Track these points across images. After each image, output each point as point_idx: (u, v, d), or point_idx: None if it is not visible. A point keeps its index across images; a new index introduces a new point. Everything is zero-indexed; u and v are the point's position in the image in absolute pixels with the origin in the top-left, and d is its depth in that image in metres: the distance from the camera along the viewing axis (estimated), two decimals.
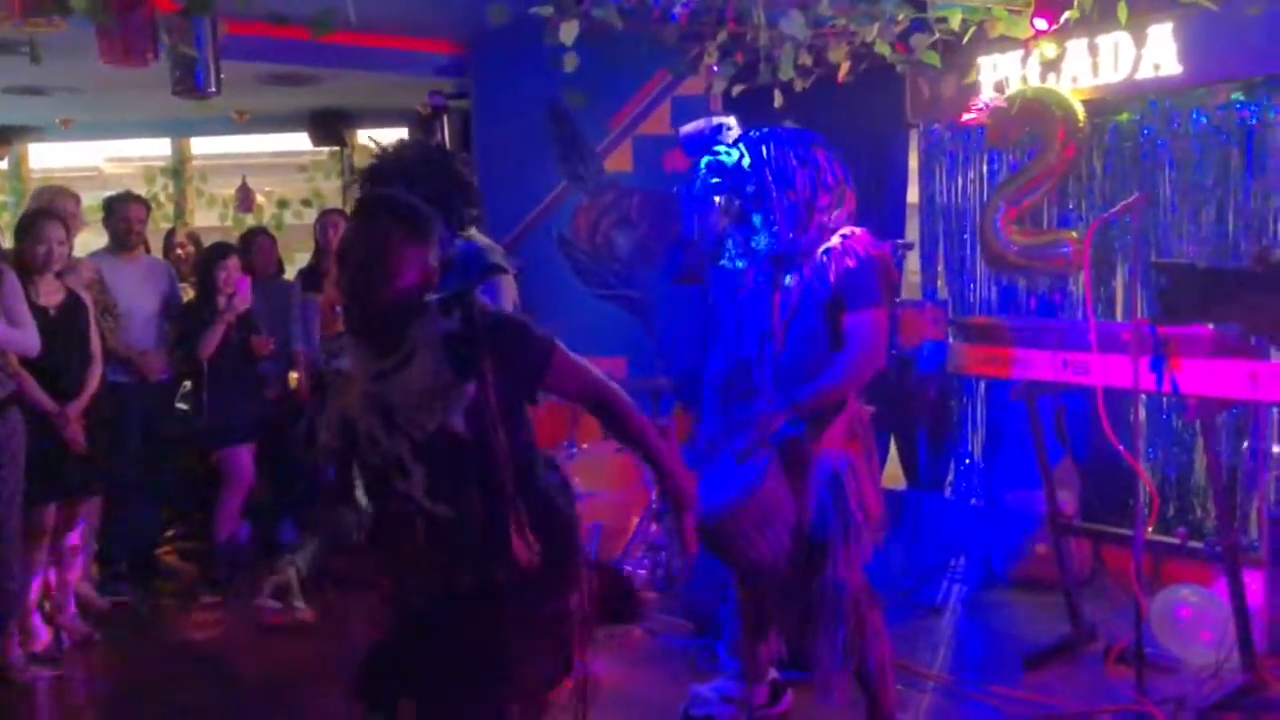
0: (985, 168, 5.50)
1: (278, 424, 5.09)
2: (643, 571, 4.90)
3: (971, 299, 5.63)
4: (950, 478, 5.63)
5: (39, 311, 3.97)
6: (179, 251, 5.81)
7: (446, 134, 6.89)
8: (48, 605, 4.22)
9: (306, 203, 8.02)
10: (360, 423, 2.17)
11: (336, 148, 7.61)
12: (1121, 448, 3.39)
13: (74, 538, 4.26)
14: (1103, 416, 3.38)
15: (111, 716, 3.63)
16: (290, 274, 5.79)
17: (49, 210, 4.38)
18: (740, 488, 2.82)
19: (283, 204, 8.23)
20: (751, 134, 3.10)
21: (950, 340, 4.33)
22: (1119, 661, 3.59)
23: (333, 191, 7.90)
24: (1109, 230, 4.87)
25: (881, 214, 5.58)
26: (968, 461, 5.59)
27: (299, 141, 7.64)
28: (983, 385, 5.43)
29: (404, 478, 2.13)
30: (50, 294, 4.09)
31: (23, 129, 7.63)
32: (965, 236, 5.66)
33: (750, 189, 3.00)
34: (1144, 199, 3.86)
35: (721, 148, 3.09)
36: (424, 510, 2.13)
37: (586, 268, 6.88)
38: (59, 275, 4.17)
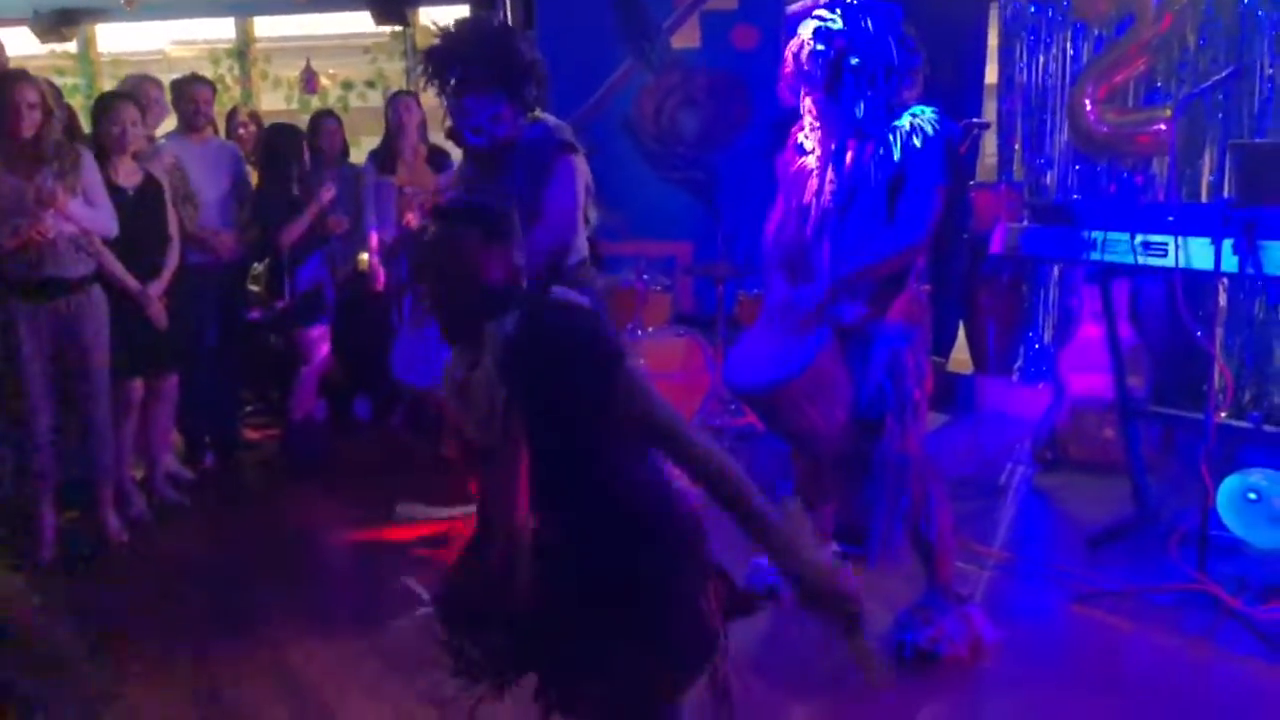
0: (1069, 44, 5.29)
1: (350, 304, 5.21)
2: None
3: (1049, 181, 5.48)
4: (1019, 362, 5.59)
5: (117, 192, 4.07)
6: (240, 132, 5.87)
7: (509, 12, 6.79)
8: (139, 475, 4.44)
9: (371, 84, 7.98)
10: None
11: (399, 28, 7.53)
12: (1198, 332, 3.33)
13: (161, 411, 4.45)
14: (1180, 301, 3.32)
15: (201, 579, 3.83)
16: (355, 157, 5.82)
17: (123, 92, 4.45)
18: (796, 363, 2.84)
19: (347, 85, 8.20)
20: (850, 3, 3.00)
21: (1025, 223, 4.23)
22: (1182, 543, 3.59)
23: (396, 73, 7.84)
24: (1199, 108, 4.67)
25: (956, 93, 5.42)
26: (1037, 346, 5.53)
27: (362, 22, 7.57)
28: (1056, 269, 5.33)
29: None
30: (128, 175, 4.18)
31: (87, 10, 7.66)
32: (1045, 116, 5.48)
33: (855, 60, 2.92)
34: (1238, 73, 3.69)
35: (826, 13, 2.99)
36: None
37: (652, 150, 6.80)
38: (136, 158, 4.25)
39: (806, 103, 3.03)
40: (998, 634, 3.11)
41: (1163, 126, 4.66)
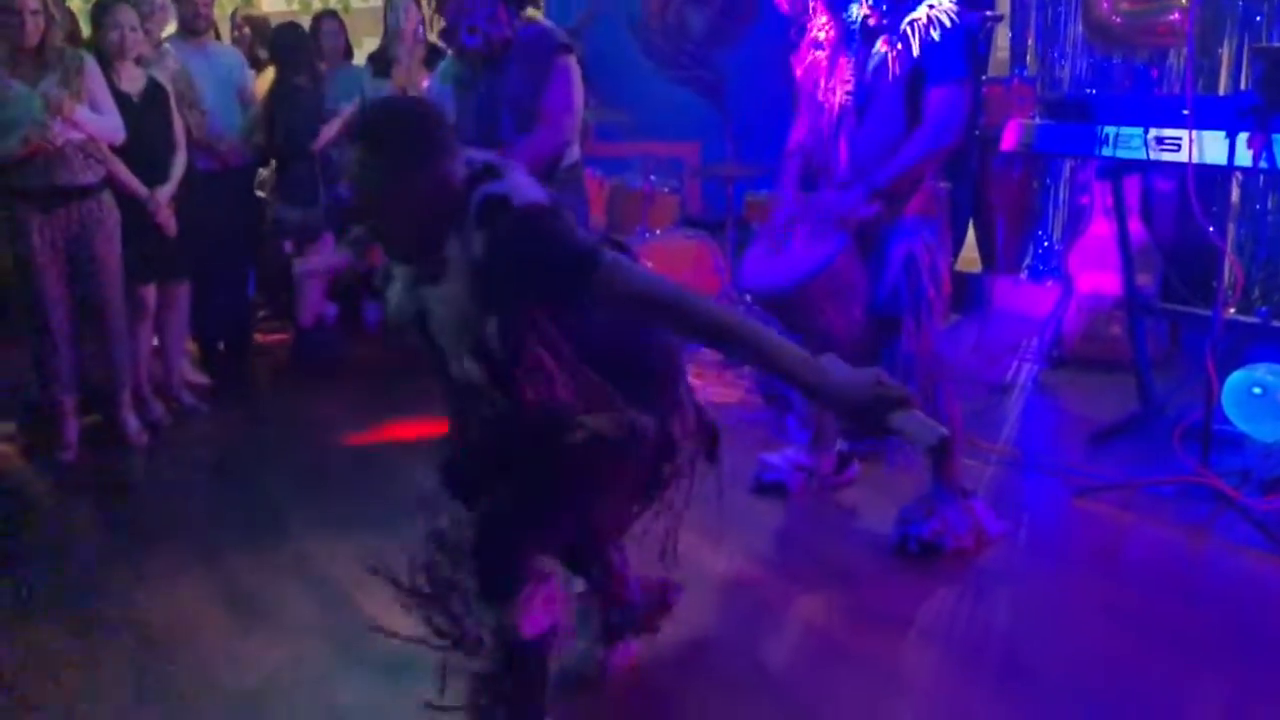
0: None
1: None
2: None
3: (1061, 75, 5.38)
4: (1028, 260, 5.58)
5: (122, 98, 4.04)
6: (235, 33, 5.79)
7: None
8: (156, 382, 4.50)
9: None
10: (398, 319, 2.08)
11: None
12: (1210, 227, 3.31)
13: (175, 317, 4.49)
14: (1192, 196, 3.30)
15: (220, 480, 3.92)
16: (358, 59, 5.74)
17: None
18: (814, 262, 2.85)
19: None
20: None
21: (1037, 118, 4.18)
22: (1186, 437, 3.63)
23: None
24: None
25: None
26: (1046, 244, 5.51)
27: None
28: (1068, 166, 5.27)
29: (460, 366, 2.04)
30: (131, 81, 4.15)
31: None
32: (1060, 8, 5.36)
33: None
34: None
35: None
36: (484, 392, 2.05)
37: (658, 49, 6.69)
38: (139, 63, 4.21)
39: None
40: (1001, 526, 3.18)
41: (1178, 16, 4.56)
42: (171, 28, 4.86)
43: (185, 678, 2.56)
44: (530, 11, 3.45)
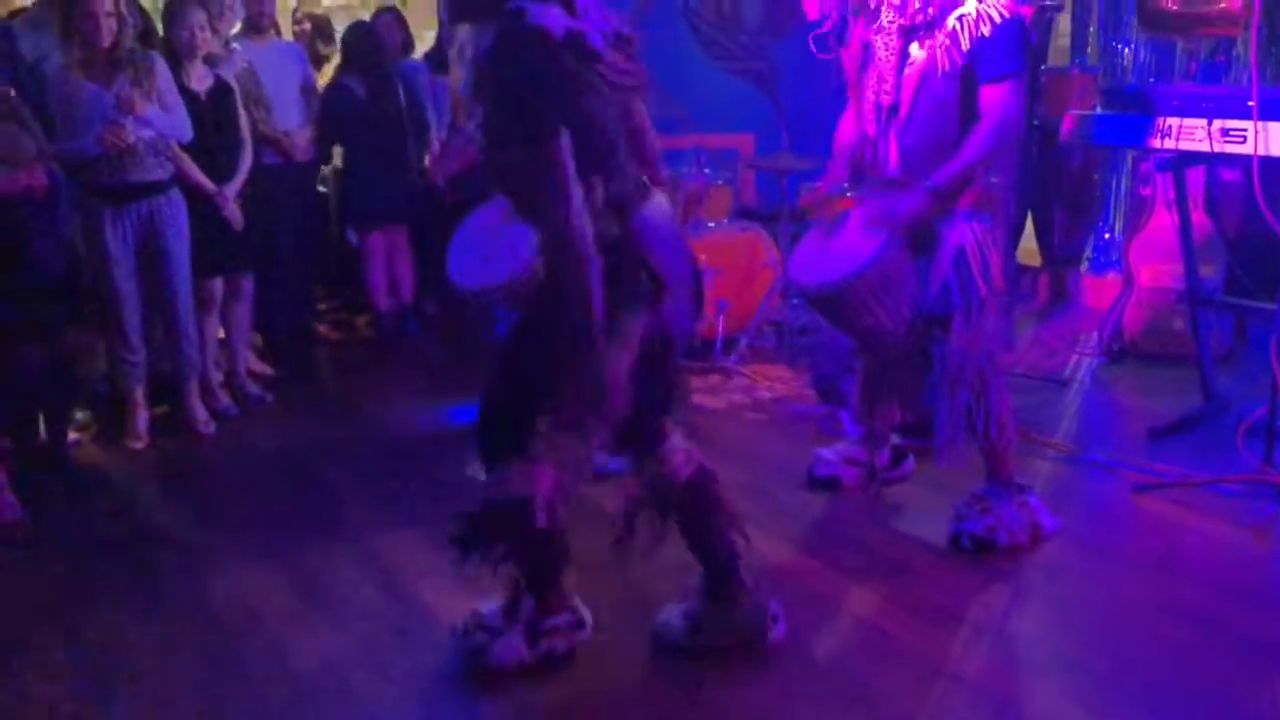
0: None
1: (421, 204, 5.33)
2: (770, 345, 5.04)
3: (1124, 65, 5.29)
4: (1088, 253, 5.50)
5: (190, 97, 4.16)
6: (296, 29, 5.90)
7: None
8: (222, 373, 4.63)
9: None
10: None
11: None
12: (1275, 220, 3.26)
13: (240, 310, 4.61)
14: (1257, 188, 3.24)
15: (286, 469, 4.02)
16: (419, 52, 5.82)
17: None
18: (862, 259, 2.85)
19: None
20: None
21: (1098, 109, 4.12)
22: (1250, 434, 3.57)
23: None
24: None
25: None
26: (1107, 236, 5.43)
27: None
28: (1130, 157, 5.19)
29: None
30: (200, 80, 4.26)
31: None
32: None
33: None
34: None
35: None
36: None
37: (712, 39, 6.68)
38: (207, 62, 4.32)
39: None
40: (1056, 523, 3.16)
41: (1238, 4, 4.45)
42: (237, 26, 4.98)
43: (254, 661, 2.65)
44: None
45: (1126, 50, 5.29)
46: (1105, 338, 4.77)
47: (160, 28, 4.38)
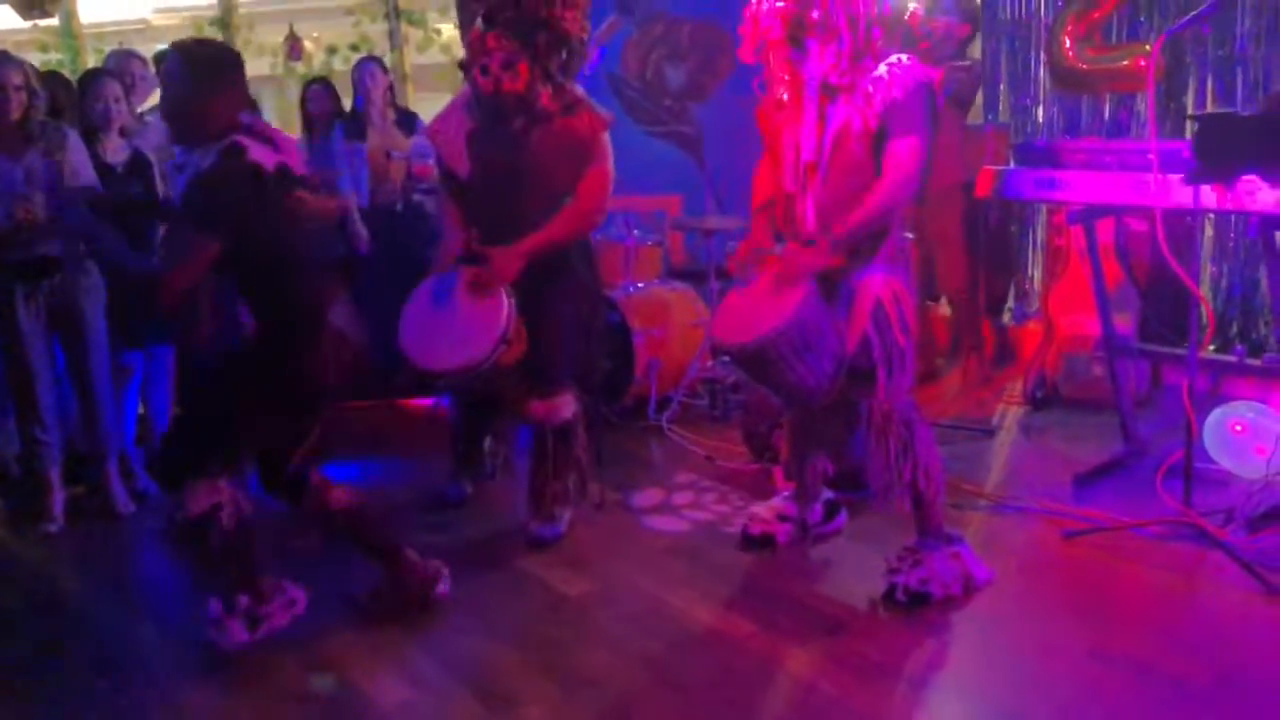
0: None
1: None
2: (703, 404, 5.05)
3: (1033, 122, 5.48)
4: (1009, 303, 5.63)
5: (105, 170, 4.08)
6: None
7: None
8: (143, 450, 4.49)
9: (355, 48, 7.92)
10: None
11: None
12: (1179, 268, 3.36)
13: (160, 382, 4.49)
14: (1161, 238, 3.35)
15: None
16: None
17: (104, 69, 4.45)
18: (782, 317, 2.87)
19: (332, 50, 8.16)
20: None
21: (1010, 164, 4.25)
22: (1169, 477, 3.65)
23: (380, 35, 7.80)
24: (1181, 42, 4.66)
25: None
26: (1026, 287, 5.57)
27: None
28: (1044, 209, 5.34)
29: None
30: (115, 153, 4.19)
31: None
32: (1030, 55, 5.47)
33: (816, 14, 2.92)
34: (1218, 6, 3.69)
35: None
36: None
37: (638, 104, 6.78)
38: (123, 134, 4.26)
39: (776, 57, 3.02)
40: (988, 573, 3.18)
41: (1142, 62, 4.65)
42: (153, 100, 4.92)
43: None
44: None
45: (1035, 107, 5.48)
46: (1029, 386, 4.86)
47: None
